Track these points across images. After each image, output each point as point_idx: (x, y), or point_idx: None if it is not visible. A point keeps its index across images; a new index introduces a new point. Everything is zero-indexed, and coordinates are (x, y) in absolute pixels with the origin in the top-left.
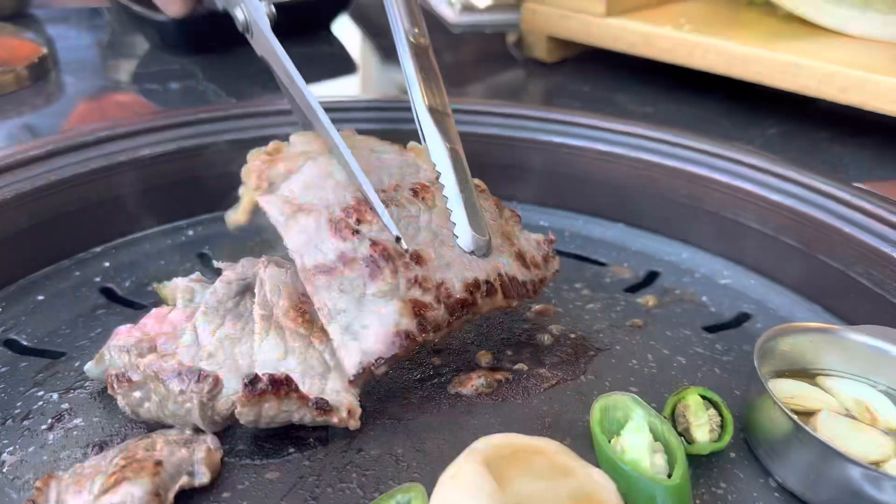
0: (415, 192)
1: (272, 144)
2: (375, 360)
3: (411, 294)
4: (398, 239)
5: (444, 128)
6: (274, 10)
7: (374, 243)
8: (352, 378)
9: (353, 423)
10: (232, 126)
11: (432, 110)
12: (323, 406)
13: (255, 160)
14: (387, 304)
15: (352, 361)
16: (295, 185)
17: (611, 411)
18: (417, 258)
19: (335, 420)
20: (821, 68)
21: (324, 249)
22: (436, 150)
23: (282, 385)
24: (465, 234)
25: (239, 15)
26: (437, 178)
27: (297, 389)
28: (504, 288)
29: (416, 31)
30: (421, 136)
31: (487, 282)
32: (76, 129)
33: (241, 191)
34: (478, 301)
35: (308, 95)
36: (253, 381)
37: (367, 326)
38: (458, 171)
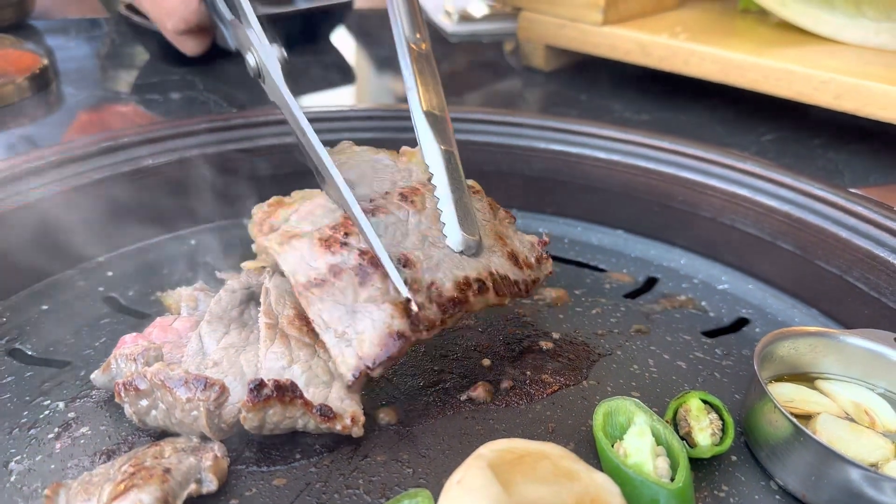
0: (403, 196)
1: (273, 199)
2: (371, 364)
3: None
4: (408, 301)
5: (440, 130)
6: (286, 54)
7: (361, 252)
8: (350, 382)
9: (357, 431)
10: (233, 136)
11: (429, 113)
12: (327, 413)
13: (257, 213)
14: (378, 308)
15: (348, 366)
16: (292, 220)
17: (613, 416)
18: (405, 262)
19: (339, 427)
20: (816, 75)
21: (315, 265)
22: (430, 151)
23: (287, 391)
24: (454, 234)
25: (251, 60)
26: (430, 180)
27: (301, 396)
28: (496, 286)
29: (418, 36)
30: (417, 138)
31: (479, 280)
32: (79, 139)
33: (255, 247)
34: (469, 299)
35: (318, 147)
36: (258, 386)
37: (362, 332)
38: (450, 173)
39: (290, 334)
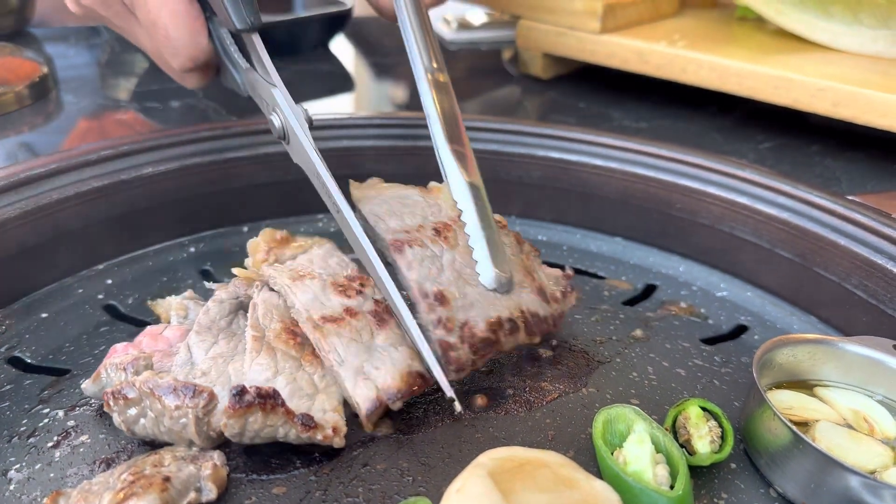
0: (437, 232)
1: (284, 232)
2: (390, 396)
3: (437, 334)
4: (452, 400)
5: (465, 164)
6: (310, 115)
7: (377, 302)
8: (368, 414)
9: (338, 442)
10: (232, 144)
11: (453, 148)
12: (308, 423)
13: (265, 237)
14: (397, 350)
15: (365, 396)
16: (301, 261)
17: (613, 424)
18: (441, 299)
19: (319, 437)
20: (813, 83)
21: (329, 305)
22: (457, 187)
23: (269, 398)
24: (487, 272)
25: (275, 121)
26: (459, 216)
27: (283, 404)
28: (527, 325)
29: (436, 66)
30: (443, 174)
31: (510, 319)
32: (78, 147)
33: (248, 262)
34: (500, 339)
35: (350, 218)
36: (240, 392)
37: (380, 367)
38: (479, 209)
39: (276, 347)
